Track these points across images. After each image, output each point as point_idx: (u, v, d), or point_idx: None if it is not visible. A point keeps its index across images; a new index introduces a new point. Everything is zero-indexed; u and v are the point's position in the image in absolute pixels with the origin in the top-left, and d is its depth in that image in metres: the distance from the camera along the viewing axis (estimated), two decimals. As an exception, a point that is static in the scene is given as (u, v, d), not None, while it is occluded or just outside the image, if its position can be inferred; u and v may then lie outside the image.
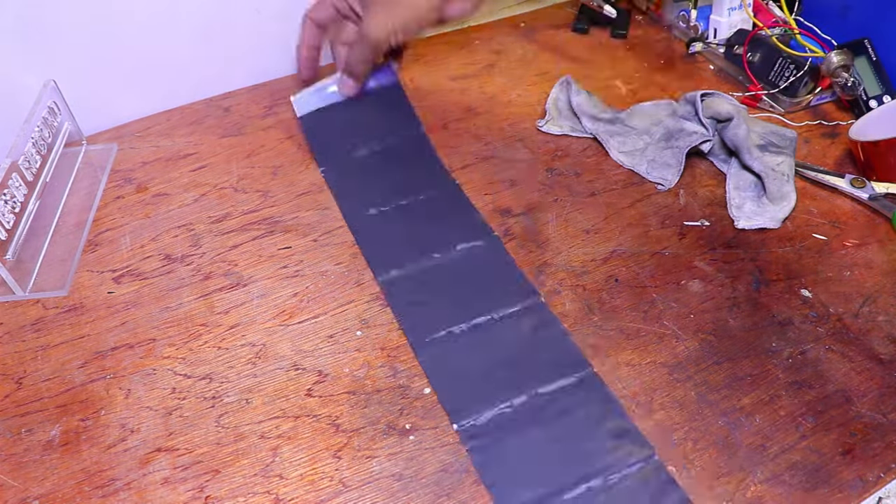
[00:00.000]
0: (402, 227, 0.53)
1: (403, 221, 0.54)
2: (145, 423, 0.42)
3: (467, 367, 0.44)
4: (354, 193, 0.56)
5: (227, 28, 0.66)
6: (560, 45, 0.74)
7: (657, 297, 0.48)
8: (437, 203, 0.55)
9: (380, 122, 0.61)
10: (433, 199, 0.56)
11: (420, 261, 0.50)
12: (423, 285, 0.49)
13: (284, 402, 0.43)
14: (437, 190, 0.56)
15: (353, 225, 0.54)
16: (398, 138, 0.60)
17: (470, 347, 0.45)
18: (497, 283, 0.49)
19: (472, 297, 0.48)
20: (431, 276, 0.49)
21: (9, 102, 0.56)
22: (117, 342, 0.46)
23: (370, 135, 0.60)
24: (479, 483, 0.39)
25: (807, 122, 0.63)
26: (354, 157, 0.59)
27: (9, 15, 0.56)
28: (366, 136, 0.60)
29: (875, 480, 0.39)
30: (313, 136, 0.60)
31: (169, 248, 0.53)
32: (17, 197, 0.50)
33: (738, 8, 0.69)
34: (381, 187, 0.56)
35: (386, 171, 0.58)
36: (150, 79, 0.65)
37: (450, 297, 0.48)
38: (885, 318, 0.47)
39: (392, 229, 0.53)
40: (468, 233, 0.52)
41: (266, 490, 0.39)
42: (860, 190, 0.55)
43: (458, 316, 0.47)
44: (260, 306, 0.49)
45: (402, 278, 0.49)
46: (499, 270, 0.50)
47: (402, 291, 0.49)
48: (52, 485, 0.39)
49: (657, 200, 0.56)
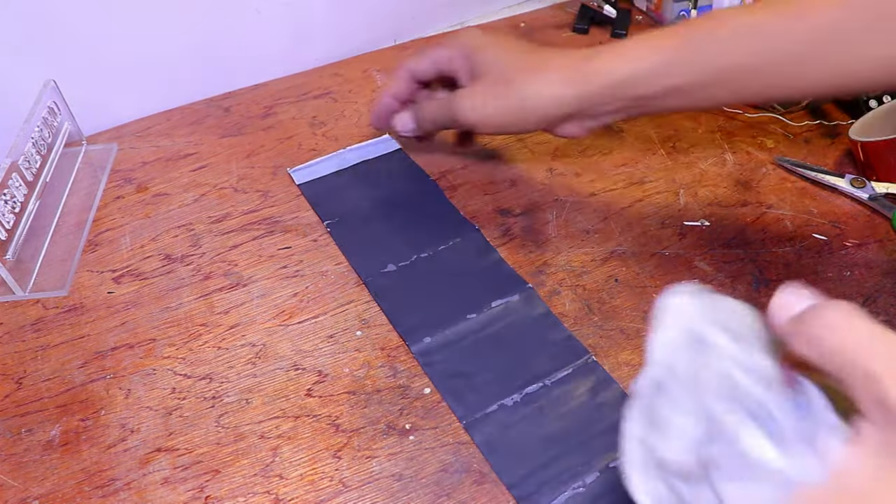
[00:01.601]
0: (427, 283, 0.49)
1: (426, 278, 0.50)
2: (145, 423, 0.42)
3: (524, 441, 0.41)
4: (367, 250, 0.52)
5: (227, 28, 0.66)
6: (560, 46, 0.74)
7: (657, 297, 0.48)
8: (460, 254, 0.51)
9: (388, 181, 0.57)
10: (456, 248, 0.52)
11: (456, 324, 0.46)
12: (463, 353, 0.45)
13: (284, 402, 0.43)
14: (460, 238, 0.52)
15: (371, 284, 0.49)
16: (409, 192, 0.56)
17: (524, 419, 0.42)
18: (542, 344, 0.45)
19: (519, 364, 0.44)
20: (470, 343, 0.46)
21: (9, 102, 0.56)
22: (117, 342, 0.47)
23: (378, 190, 0.56)
24: (480, 483, 0.39)
25: (807, 122, 0.63)
26: (362, 211, 0.55)
27: (9, 15, 0.56)
28: (373, 191, 0.56)
29: (875, 480, 0.39)
30: (315, 197, 0.56)
31: (169, 248, 0.53)
32: (17, 197, 0.50)
33: (738, 8, 0.69)
34: (396, 241, 0.52)
35: (399, 223, 0.54)
36: (151, 79, 0.65)
37: (495, 366, 0.44)
38: (885, 318, 0.47)
39: (416, 287, 0.49)
40: (502, 288, 0.49)
41: (266, 490, 0.39)
42: (860, 190, 0.55)
43: (508, 387, 0.43)
44: (260, 306, 0.49)
45: (438, 347, 0.45)
46: (540, 328, 0.46)
47: (442, 362, 0.45)
48: (52, 485, 0.39)
49: (657, 200, 0.56)
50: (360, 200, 0.56)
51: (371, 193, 0.56)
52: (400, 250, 0.51)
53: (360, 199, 0.56)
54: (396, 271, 0.50)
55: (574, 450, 0.40)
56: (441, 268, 0.50)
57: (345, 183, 0.57)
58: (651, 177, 0.58)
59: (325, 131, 0.63)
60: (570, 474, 0.39)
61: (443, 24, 0.78)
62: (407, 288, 0.49)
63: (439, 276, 0.50)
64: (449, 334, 0.46)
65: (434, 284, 0.49)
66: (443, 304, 0.48)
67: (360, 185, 0.57)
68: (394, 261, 0.51)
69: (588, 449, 0.40)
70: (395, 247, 0.52)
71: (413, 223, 0.54)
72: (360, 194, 0.56)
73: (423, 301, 0.48)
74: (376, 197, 0.56)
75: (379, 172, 0.58)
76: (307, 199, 0.56)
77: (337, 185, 0.57)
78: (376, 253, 0.51)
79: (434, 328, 0.46)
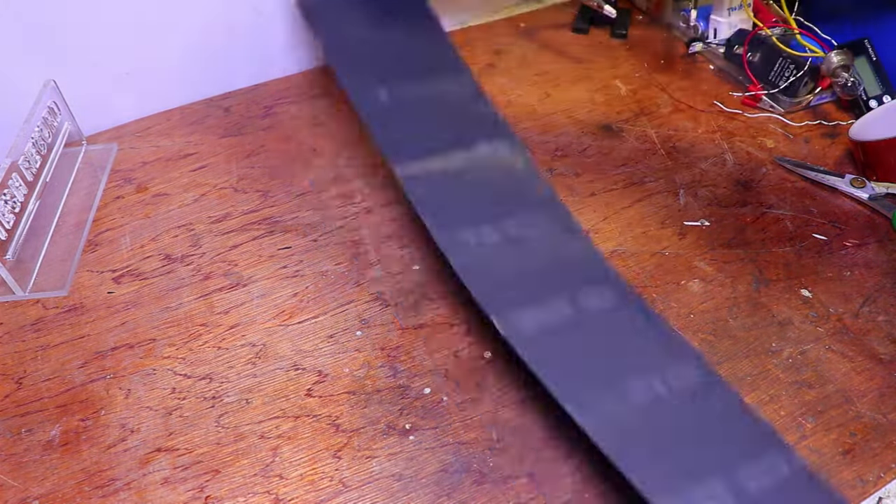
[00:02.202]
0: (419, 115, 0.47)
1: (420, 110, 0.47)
2: (145, 423, 0.42)
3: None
4: (363, 69, 0.48)
5: (227, 28, 0.66)
6: (560, 45, 0.74)
7: (657, 297, 0.48)
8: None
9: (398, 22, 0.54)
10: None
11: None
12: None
13: (284, 402, 0.43)
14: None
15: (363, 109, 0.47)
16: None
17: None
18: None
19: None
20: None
21: (9, 102, 0.56)
22: (117, 342, 0.47)
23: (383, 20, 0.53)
24: (479, 483, 0.39)
25: (807, 122, 0.63)
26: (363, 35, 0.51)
27: (9, 15, 0.56)
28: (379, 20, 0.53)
29: (875, 480, 0.39)
30: (314, 18, 0.52)
31: (169, 248, 0.53)
32: (17, 197, 0.50)
33: (739, 8, 0.69)
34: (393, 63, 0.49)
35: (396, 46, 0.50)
36: (151, 79, 0.65)
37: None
38: (885, 318, 0.47)
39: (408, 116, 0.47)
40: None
41: (266, 490, 0.39)
42: (860, 190, 0.55)
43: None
44: (260, 306, 0.49)
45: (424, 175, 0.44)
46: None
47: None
48: (52, 485, 0.39)
49: (657, 200, 0.56)
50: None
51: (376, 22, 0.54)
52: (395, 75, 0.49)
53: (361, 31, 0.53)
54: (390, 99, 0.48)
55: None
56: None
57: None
58: (651, 177, 0.58)
59: (325, 131, 0.63)
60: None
61: (443, 24, 0.78)
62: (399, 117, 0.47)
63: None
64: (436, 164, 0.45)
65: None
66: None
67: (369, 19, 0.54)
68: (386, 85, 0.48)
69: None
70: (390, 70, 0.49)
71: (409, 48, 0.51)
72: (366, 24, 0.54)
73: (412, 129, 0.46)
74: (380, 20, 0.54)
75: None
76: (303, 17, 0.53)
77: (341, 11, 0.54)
78: (372, 75, 0.49)
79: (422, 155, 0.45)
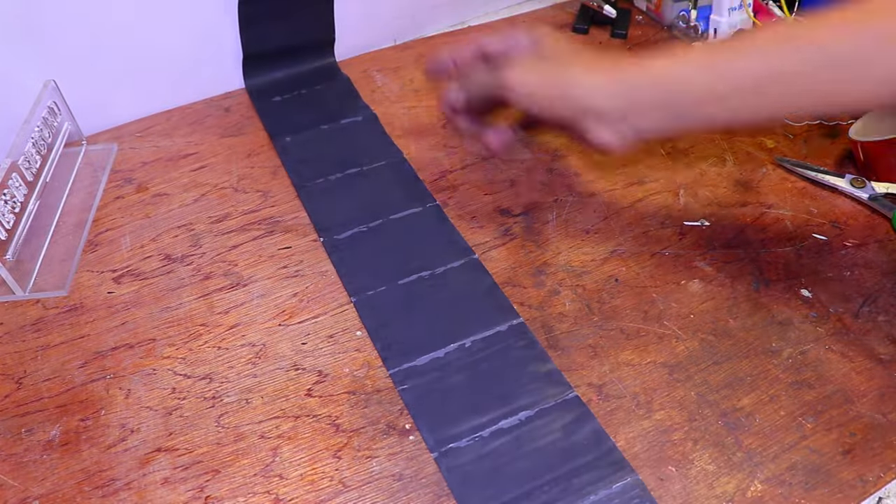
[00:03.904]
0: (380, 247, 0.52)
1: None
2: (145, 423, 0.42)
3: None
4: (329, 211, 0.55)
5: (227, 28, 0.66)
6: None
7: (657, 297, 0.48)
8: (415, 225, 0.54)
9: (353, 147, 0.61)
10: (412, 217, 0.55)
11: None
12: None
13: (284, 402, 0.43)
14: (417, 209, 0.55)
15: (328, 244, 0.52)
16: (376, 164, 0.59)
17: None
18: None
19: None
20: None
21: (9, 102, 0.56)
22: (117, 342, 0.47)
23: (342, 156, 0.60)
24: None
25: (807, 121, 0.63)
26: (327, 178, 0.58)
27: (9, 15, 0.56)
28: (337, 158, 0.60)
29: (875, 480, 0.39)
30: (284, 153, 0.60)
31: (169, 248, 0.53)
32: (17, 197, 0.50)
33: (738, 8, 0.69)
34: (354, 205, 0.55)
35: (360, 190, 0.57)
36: (150, 79, 0.65)
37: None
38: (885, 318, 0.47)
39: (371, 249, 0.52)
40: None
41: (266, 490, 0.39)
42: (860, 190, 0.55)
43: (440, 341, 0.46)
44: (260, 306, 0.49)
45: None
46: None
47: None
48: (52, 485, 0.39)
49: (657, 200, 0.56)
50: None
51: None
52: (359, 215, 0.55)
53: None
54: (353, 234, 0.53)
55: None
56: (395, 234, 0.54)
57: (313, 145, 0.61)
58: (651, 177, 0.58)
59: (325, 131, 0.63)
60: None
61: (443, 24, 0.78)
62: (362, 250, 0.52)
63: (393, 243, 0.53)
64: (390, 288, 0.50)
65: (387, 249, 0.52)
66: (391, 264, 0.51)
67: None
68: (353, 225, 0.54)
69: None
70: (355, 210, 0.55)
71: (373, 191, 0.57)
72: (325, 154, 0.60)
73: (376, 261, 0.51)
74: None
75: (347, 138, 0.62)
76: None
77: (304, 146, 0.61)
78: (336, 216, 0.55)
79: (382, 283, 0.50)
